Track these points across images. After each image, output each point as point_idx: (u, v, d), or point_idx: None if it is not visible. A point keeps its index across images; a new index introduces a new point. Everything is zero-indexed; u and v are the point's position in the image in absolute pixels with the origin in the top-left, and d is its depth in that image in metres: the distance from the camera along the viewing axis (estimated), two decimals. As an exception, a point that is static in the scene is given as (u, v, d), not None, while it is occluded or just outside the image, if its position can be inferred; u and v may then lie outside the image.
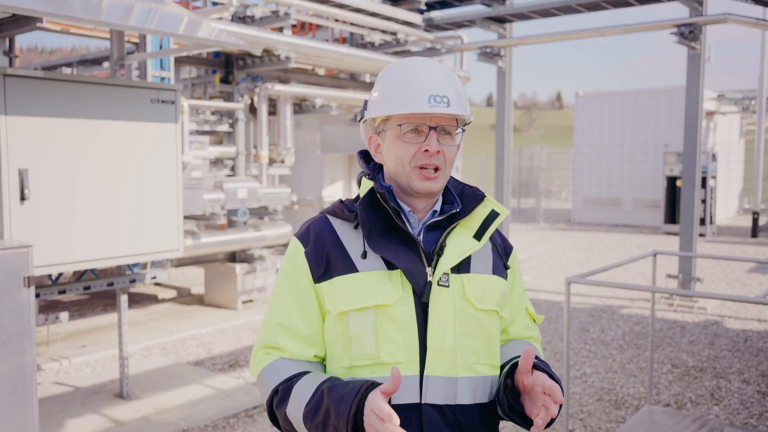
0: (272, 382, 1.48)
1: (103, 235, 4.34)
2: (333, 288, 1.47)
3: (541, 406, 1.39)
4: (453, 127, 1.51)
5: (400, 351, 1.43)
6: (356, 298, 1.44)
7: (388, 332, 1.43)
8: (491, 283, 1.54)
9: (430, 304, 1.45)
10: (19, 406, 3.34)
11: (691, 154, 8.14)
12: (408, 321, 1.44)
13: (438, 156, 1.48)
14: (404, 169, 1.50)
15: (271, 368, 1.50)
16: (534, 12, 8.96)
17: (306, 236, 1.55)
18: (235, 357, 6.10)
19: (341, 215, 1.55)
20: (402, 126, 1.48)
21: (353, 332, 1.45)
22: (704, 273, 10.25)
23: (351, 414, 1.31)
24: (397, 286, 1.45)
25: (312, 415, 1.38)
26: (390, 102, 1.49)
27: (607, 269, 4.19)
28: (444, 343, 1.44)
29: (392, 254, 1.45)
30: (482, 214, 1.56)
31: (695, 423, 4.02)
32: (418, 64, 1.53)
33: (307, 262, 1.51)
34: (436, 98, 1.46)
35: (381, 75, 1.56)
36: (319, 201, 9.26)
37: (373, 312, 1.44)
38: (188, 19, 4.58)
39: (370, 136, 1.59)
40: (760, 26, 7.98)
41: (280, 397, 1.45)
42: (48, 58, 66.26)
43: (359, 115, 1.65)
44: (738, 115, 19.25)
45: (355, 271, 1.47)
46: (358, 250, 1.49)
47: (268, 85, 8.19)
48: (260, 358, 1.54)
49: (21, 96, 3.88)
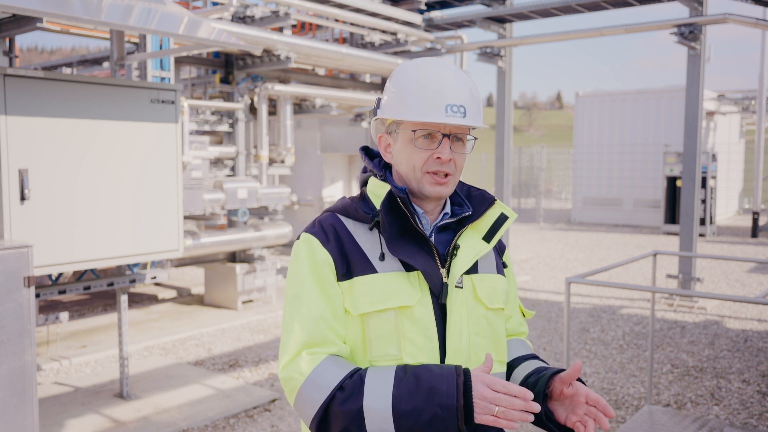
0: (334, 378, 1.37)
1: (103, 235, 4.34)
2: (353, 288, 1.46)
3: (584, 415, 1.42)
4: (465, 135, 1.52)
5: (421, 352, 1.44)
6: (378, 300, 1.44)
7: (409, 333, 1.44)
8: (497, 282, 1.58)
9: (448, 306, 1.47)
10: (19, 406, 3.34)
11: (691, 154, 8.14)
12: (428, 322, 1.45)
13: (449, 163, 1.49)
14: (415, 174, 1.50)
15: (324, 366, 1.39)
16: (534, 12, 8.96)
17: (321, 232, 1.51)
18: (235, 357, 6.10)
19: (355, 215, 1.53)
20: (416, 132, 1.48)
21: (374, 334, 1.44)
22: (704, 273, 10.25)
23: (460, 391, 1.31)
24: (416, 288, 1.46)
25: (405, 400, 1.32)
26: (405, 107, 1.48)
27: (607, 269, 4.19)
28: (461, 343, 1.47)
29: (410, 256, 1.46)
30: (492, 216, 1.58)
31: (695, 423, 4.02)
32: (436, 69, 1.51)
33: (332, 257, 1.47)
34: (452, 108, 1.45)
35: (396, 75, 1.55)
36: (319, 201, 9.26)
37: (395, 313, 1.44)
38: (188, 19, 4.58)
39: (380, 135, 1.58)
40: (760, 26, 7.98)
41: (349, 392, 1.35)
42: (48, 58, 66.28)
43: (371, 113, 1.64)
44: (738, 115, 19.25)
45: (374, 272, 1.46)
46: (375, 252, 1.49)
47: (268, 85, 8.19)
48: (307, 359, 1.41)
49: (21, 96, 3.88)
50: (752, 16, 7.89)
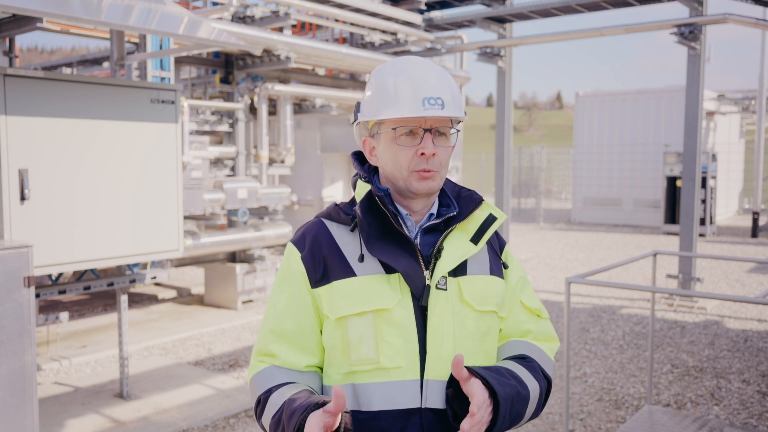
0: (258, 390, 1.49)
1: (103, 235, 4.34)
2: (331, 293, 1.46)
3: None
4: (447, 128, 1.50)
5: (400, 355, 1.42)
6: (355, 303, 1.43)
7: (387, 336, 1.42)
8: (489, 284, 1.52)
9: (429, 308, 1.44)
10: (19, 406, 3.34)
11: (691, 154, 8.14)
12: (407, 325, 1.43)
13: (434, 159, 1.47)
14: (401, 173, 1.48)
15: (260, 376, 1.50)
16: (534, 12, 8.96)
17: (302, 241, 1.54)
18: (235, 357, 6.10)
19: (337, 218, 1.54)
20: (397, 129, 1.47)
21: (352, 337, 1.43)
22: (704, 273, 10.25)
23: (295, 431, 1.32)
24: (396, 290, 1.44)
25: (275, 427, 1.40)
26: (383, 105, 1.47)
27: (607, 269, 4.19)
28: (443, 346, 1.43)
29: (391, 257, 1.44)
30: (480, 217, 1.54)
31: (695, 423, 4.02)
32: (411, 65, 1.50)
33: (304, 266, 1.50)
34: (430, 100, 1.44)
35: (373, 76, 1.54)
36: (319, 201, 9.26)
37: (373, 316, 1.42)
38: (188, 19, 4.58)
39: (364, 139, 1.57)
40: (760, 26, 7.98)
41: (261, 406, 1.46)
42: (48, 58, 66.27)
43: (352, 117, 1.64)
44: (738, 115, 19.25)
45: (353, 275, 1.45)
46: (356, 254, 1.48)
47: (268, 85, 8.19)
48: (253, 366, 1.54)
49: (21, 96, 3.88)
50: (752, 16, 7.89)
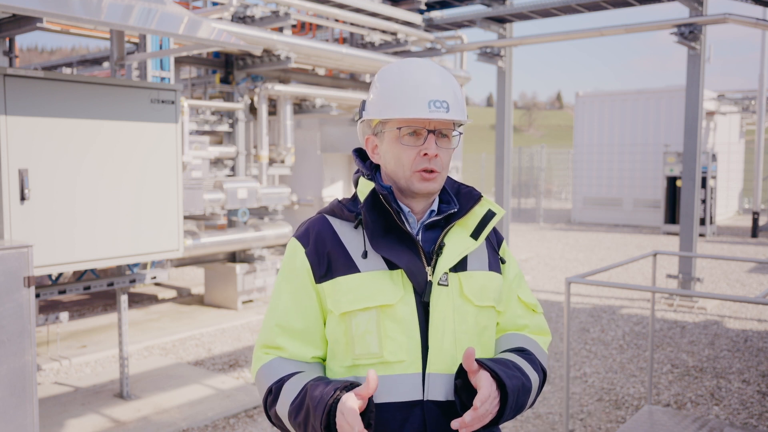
0: (267, 381, 1.51)
1: (103, 235, 4.34)
2: (335, 288, 1.49)
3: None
4: (450, 130, 1.54)
5: (402, 350, 1.46)
6: (359, 299, 1.47)
7: (391, 332, 1.46)
8: (488, 280, 1.57)
9: (431, 304, 1.48)
10: (19, 406, 3.34)
11: (691, 154, 8.14)
12: (410, 321, 1.47)
13: (436, 160, 1.50)
14: (404, 172, 1.52)
15: (268, 367, 1.53)
16: (534, 12, 8.96)
17: (305, 236, 1.57)
18: (235, 357, 6.10)
19: (340, 215, 1.57)
20: (401, 129, 1.51)
21: (356, 332, 1.47)
22: (704, 273, 10.25)
23: (325, 413, 1.35)
24: (399, 286, 1.48)
25: (295, 413, 1.43)
26: (389, 105, 1.51)
27: (607, 269, 4.19)
28: (444, 341, 1.47)
29: (393, 254, 1.48)
30: (479, 213, 1.59)
31: (695, 423, 4.02)
32: (417, 67, 1.54)
33: (309, 262, 1.53)
34: (435, 103, 1.48)
35: (379, 76, 1.58)
36: (319, 201, 9.26)
37: (376, 312, 1.46)
38: (188, 19, 4.58)
39: (367, 137, 1.61)
40: (760, 26, 7.98)
41: (273, 396, 1.49)
42: (48, 58, 66.27)
43: (357, 115, 1.67)
44: (738, 115, 19.25)
45: (356, 271, 1.49)
46: (359, 250, 1.51)
47: (268, 85, 8.19)
48: (259, 357, 1.57)
49: (21, 96, 3.88)
50: (752, 16, 7.89)
